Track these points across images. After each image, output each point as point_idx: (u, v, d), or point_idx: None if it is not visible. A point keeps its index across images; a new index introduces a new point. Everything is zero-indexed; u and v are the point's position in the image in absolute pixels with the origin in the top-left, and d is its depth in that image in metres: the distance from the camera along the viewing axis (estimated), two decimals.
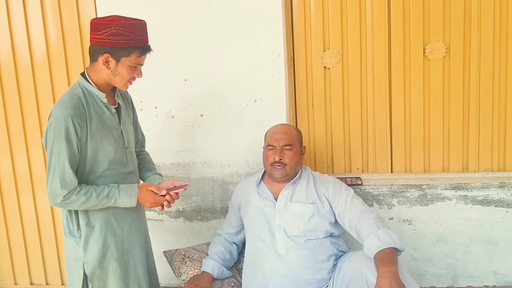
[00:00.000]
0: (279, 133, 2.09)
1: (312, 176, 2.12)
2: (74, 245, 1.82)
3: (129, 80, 1.79)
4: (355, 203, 1.96)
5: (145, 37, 1.75)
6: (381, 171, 2.56)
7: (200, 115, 2.50)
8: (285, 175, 2.03)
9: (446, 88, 2.44)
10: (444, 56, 2.41)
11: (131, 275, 1.89)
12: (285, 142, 2.04)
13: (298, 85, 2.56)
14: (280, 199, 2.04)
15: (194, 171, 2.55)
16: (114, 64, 1.72)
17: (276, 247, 1.97)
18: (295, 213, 2.00)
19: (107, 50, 1.69)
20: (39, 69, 2.73)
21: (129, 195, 1.77)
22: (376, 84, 2.49)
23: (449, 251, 2.39)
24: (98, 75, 1.76)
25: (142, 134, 2.15)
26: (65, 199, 1.68)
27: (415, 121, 2.49)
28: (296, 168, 2.07)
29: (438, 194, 2.36)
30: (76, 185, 1.69)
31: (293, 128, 2.18)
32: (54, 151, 1.67)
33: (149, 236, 2.09)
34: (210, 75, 2.45)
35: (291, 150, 2.03)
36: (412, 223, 2.40)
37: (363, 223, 1.85)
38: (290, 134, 2.08)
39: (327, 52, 2.49)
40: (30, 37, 2.70)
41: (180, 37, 2.44)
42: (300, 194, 2.04)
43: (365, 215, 1.88)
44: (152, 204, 1.79)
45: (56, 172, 1.67)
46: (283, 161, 2.02)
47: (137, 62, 1.75)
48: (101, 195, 1.72)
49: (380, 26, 2.43)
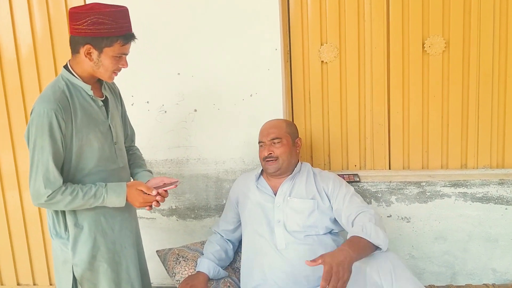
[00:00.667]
0: (266, 129, 2.10)
1: (312, 171, 2.09)
2: (62, 247, 1.73)
3: (114, 71, 1.70)
4: (354, 201, 1.92)
5: (128, 25, 1.65)
6: (379, 167, 2.51)
7: (194, 110, 2.43)
8: (278, 168, 2.01)
9: (445, 83, 2.40)
10: (444, 50, 2.37)
11: (123, 276, 1.82)
12: (272, 136, 2.04)
13: (294, 80, 2.50)
14: (279, 194, 2.01)
15: (188, 168, 2.48)
16: (96, 55, 1.63)
17: (275, 242, 1.93)
18: (295, 208, 1.96)
19: (88, 41, 1.60)
20: (25, 62, 2.64)
21: (118, 194, 1.68)
22: (374, 79, 2.44)
23: (448, 248, 2.36)
24: (81, 67, 1.67)
25: (132, 128, 2.06)
26: (49, 199, 1.59)
27: (414, 117, 2.45)
28: (290, 161, 2.04)
29: (437, 191, 2.32)
30: (60, 184, 1.60)
31: (282, 121, 2.15)
32: (37, 148, 1.58)
33: (140, 236, 2.01)
34: (204, 69, 2.38)
35: (280, 143, 2.03)
36: (410, 221, 2.36)
37: (359, 218, 1.81)
38: (277, 128, 2.08)
39: (325, 46, 2.44)
40: (15, 29, 2.61)
41: (173, 29, 2.37)
42: (299, 189, 2.01)
43: (362, 212, 1.84)
44: (142, 204, 1.72)
45: (39, 170, 1.58)
46: (273, 155, 2.01)
47: (121, 51, 1.65)
48: (88, 194, 1.63)
49: (379, 20, 2.38)
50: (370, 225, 1.70)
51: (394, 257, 1.71)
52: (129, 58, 2.31)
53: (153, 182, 1.79)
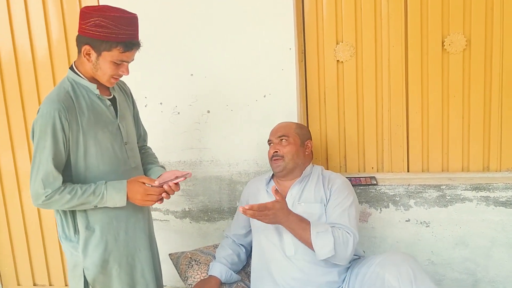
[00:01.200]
0: (275, 128, 2.09)
1: (322, 175, 2.02)
2: (72, 250, 1.71)
3: (113, 76, 1.66)
4: (344, 216, 1.84)
5: (132, 32, 1.60)
6: (397, 170, 2.43)
7: (207, 111, 2.40)
8: (284, 167, 1.98)
9: (466, 83, 2.31)
10: (464, 49, 2.28)
11: (138, 279, 1.79)
12: (279, 134, 2.03)
13: (309, 80, 2.44)
14: (288, 198, 1.96)
15: (201, 169, 2.45)
16: (95, 58, 1.60)
17: (284, 248, 1.88)
18: (303, 213, 1.90)
19: (88, 41, 1.58)
20: (40, 65, 2.66)
21: (118, 190, 1.63)
22: (392, 78, 2.36)
23: (469, 255, 2.26)
24: (83, 68, 1.66)
25: (144, 129, 2.05)
26: (47, 199, 1.57)
27: (433, 118, 2.36)
28: (296, 161, 1.99)
29: (457, 195, 2.23)
30: (60, 184, 1.58)
31: (292, 122, 2.13)
32: (39, 148, 1.57)
33: (155, 238, 1.98)
34: (217, 70, 2.35)
35: (287, 141, 2.00)
36: (430, 225, 2.28)
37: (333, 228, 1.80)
38: (286, 127, 2.06)
39: (340, 45, 2.37)
40: (31, 32, 2.63)
41: (186, 30, 2.34)
42: (309, 193, 1.95)
43: (341, 228, 1.80)
44: (143, 196, 1.64)
45: (39, 171, 1.57)
46: (279, 153, 1.98)
47: (120, 58, 1.61)
48: (87, 192, 1.60)
49: (396, 17, 2.30)
50: (329, 237, 1.73)
51: (414, 263, 1.66)
52: (143, 59, 2.30)
53: (165, 176, 1.75)
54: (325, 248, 1.73)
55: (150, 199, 1.66)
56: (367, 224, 2.33)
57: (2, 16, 2.63)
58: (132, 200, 1.66)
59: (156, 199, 1.67)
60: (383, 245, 2.33)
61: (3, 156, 2.79)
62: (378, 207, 2.31)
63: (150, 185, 1.66)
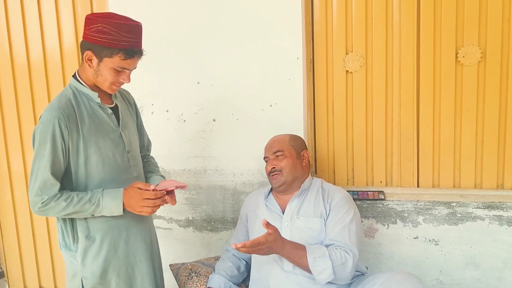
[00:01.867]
0: (269, 144, 2.06)
1: (322, 188, 1.97)
2: (71, 259, 1.70)
3: (114, 83, 1.65)
4: (344, 232, 1.79)
5: (134, 40, 1.60)
6: (406, 185, 2.35)
7: (213, 120, 2.37)
8: (283, 182, 1.94)
9: (480, 96, 2.22)
10: (479, 61, 2.19)
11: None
12: (274, 150, 2.00)
13: (317, 90, 2.39)
14: (287, 212, 1.92)
15: (205, 178, 2.42)
16: (96, 63, 1.60)
17: (281, 263, 1.83)
18: (301, 227, 1.86)
19: (90, 47, 1.58)
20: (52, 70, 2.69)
21: (113, 198, 1.62)
22: (402, 90, 2.29)
23: (481, 276, 2.16)
24: (85, 75, 1.66)
25: (148, 139, 2.04)
26: (43, 206, 1.57)
27: (445, 132, 2.27)
28: (295, 174, 1.95)
29: (469, 213, 2.14)
30: (56, 192, 1.58)
31: (286, 135, 2.08)
32: (39, 155, 1.57)
33: (158, 248, 1.96)
34: (224, 78, 2.32)
35: (283, 156, 1.97)
36: (439, 244, 2.19)
37: (331, 247, 1.76)
38: (280, 142, 2.03)
39: (350, 55, 2.32)
40: (44, 36, 2.67)
41: (193, 38, 2.33)
42: (308, 207, 1.90)
43: (340, 247, 1.75)
44: (138, 201, 1.61)
45: (38, 177, 1.57)
46: (276, 168, 1.95)
47: (122, 65, 1.60)
48: (83, 200, 1.59)
49: (408, 27, 2.24)
50: (327, 262, 1.70)
51: (418, 284, 1.61)
52: (150, 66, 2.33)
53: (163, 185, 1.72)
54: (324, 273, 1.70)
55: (146, 204, 1.63)
56: (374, 240, 2.25)
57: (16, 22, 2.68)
58: (129, 207, 1.64)
59: (152, 204, 1.63)
60: (390, 263, 2.25)
61: (13, 159, 2.83)
62: (385, 223, 2.24)
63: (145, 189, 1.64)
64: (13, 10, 2.68)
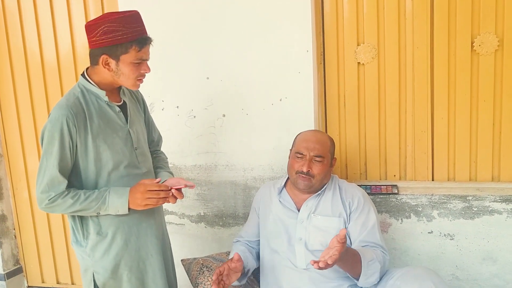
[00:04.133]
0: (311, 141, 1.88)
1: (338, 186, 1.92)
2: (82, 255, 1.72)
3: (138, 78, 1.66)
4: (374, 233, 1.78)
5: (140, 28, 1.61)
6: (420, 179, 2.30)
7: (222, 115, 2.35)
8: (310, 187, 1.85)
9: (497, 86, 2.14)
10: (496, 50, 2.12)
11: (149, 285, 1.78)
12: (316, 153, 1.85)
13: (328, 83, 2.35)
14: (303, 210, 1.87)
15: (216, 174, 2.41)
16: (114, 65, 1.61)
17: (295, 261, 1.81)
18: (319, 226, 1.82)
19: (104, 51, 1.58)
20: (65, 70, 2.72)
21: (119, 196, 1.63)
22: (416, 82, 2.23)
23: (498, 271, 2.11)
24: (101, 77, 1.66)
25: (159, 134, 2.04)
26: (50, 202, 1.59)
27: (461, 124, 2.21)
28: (323, 181, 1.88)
29: (485, 206, 2.08)
30: (64, 189, 1.59)
31: (327, 137, 1.95)
32: (47, 153, 1.59)
33: (169, 243, 1.97)
34: (233, 73, 2.30)
35: (321, 162, 1.84)
36: (454, 238, 2.14)
37: (373, 250, 1.72)
38: (323, 145, 1.88)
39: (361, 46, 2.27)
40: (56, 35, 2.69)
41: (202, 33, 2.31)
42: (325, 206, 1.86)
43: (379, 249, 1.74)
44: (143, 194, 1.61)
45: (46, 175, 1.59)
46: (311, 173, 1.83)
47: (139, 57, 1.61)
48: (90, 198, 1.61)
49: (422, 17, 2.17)
50: (376, 265, 1.66)
51: (437, 279, 1.58)
52: (160, 62, 2.33)
53: (169, 182, 1.73)
54: (373, 277, 1.67)
55: (151, 195, 1.62)
56: (387, 235, 2.22)
57: (29, 20, 2.69)
58: (134, 203, 1.64)
59: (156, 195, 1.63)
60: (404, 258, 2.21)
61: (29, 158, 2.87)
62: (399, 218, 2.20)
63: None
64: (26, 10, 2.70)
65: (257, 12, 2.21)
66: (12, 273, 2.96)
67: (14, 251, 2.99)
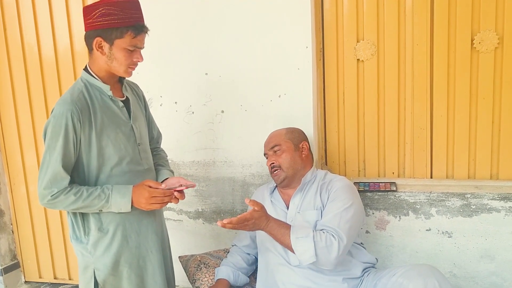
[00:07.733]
0: (267, 141, 2.03)
1: (323, 180, 1.91)
2: (82, 251, 1.71)
3: (129, 65, 1.64)
4: (334, 219, 1.72)
5: (138, 15, 1.60)
6: (419, 176, 2.29)
7: (221, 111, 2.34)
8: (284, 177, 1.90)
9: (497, 84, 2.14)
10: (496, 47, 2.11)
11: (148, 282, 1.77)
12: (271, 145, 1.97)
13: (327, 80, 2.34)
14: (291, 208, 1.89)
15: (214, 170, 2.41)
16: (108, 48, 1.59)
17: (289, 258, 1.81)
18: (302, 222, 1.82)
19: (98, 34, 1.57)
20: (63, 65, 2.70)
21: (122, 195, 1.62)
22: (415, 78, 2.22)
23: (496, 269, 2.11)
24: (97, 65, 1.64)
25: (159, 131, 2.03)
26: (53, 198, 1.57)
27: (460, 121, 2.21)
28: (295, 167, 1.91)
29: (484, 204, 2.08)
30: (66, 185, 1.58)
31: (282, 129, 2.04)
32: (50, 148, 1.57)
33: (168, 240, 1.96)
34: (232, 69, 2.29)
35: (280, 150, 1.94)
36: (452, 236, 2.13)
37: (318, 231, 1.70)
38: (276, 136, 2.00)
39: (361, 43, 2.26)
40: (54, 29, 2.67)
41: (201, 29, 2.30)
42: (309, 201, 1.86)
43: (328, 231, 1.68)
44: (148, 199, 1.62)
45: (48, 170, 1.57)
46: (275, 164, 1.92)
47: (133, 44, 1.60)
48: (93, 195, 1.59)
49: (421, 14, 2.16)
50: (309, 242, 1.65)
51: (440, 276, 1.59)
52: (159, 58, 2.32)
53: (170, 182, 1.74)
54: (306, 254, 1.65)
55: (155, 201, 1.64)
56: (385, 232, 2.21)
57: (27, 14, 2.67)
58: (137, 204, 1.64)
59: (160, 201, 1.64)
60: (402, 255, 2.21)
61: (26, 153, 2.86)
62: (397, 215, 2.19)
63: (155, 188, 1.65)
64: (24, 3, 2.69)
65: (256, 8, 2.20)
66: (9, 268, 2.95)
67: (11, 246, 2.98)
